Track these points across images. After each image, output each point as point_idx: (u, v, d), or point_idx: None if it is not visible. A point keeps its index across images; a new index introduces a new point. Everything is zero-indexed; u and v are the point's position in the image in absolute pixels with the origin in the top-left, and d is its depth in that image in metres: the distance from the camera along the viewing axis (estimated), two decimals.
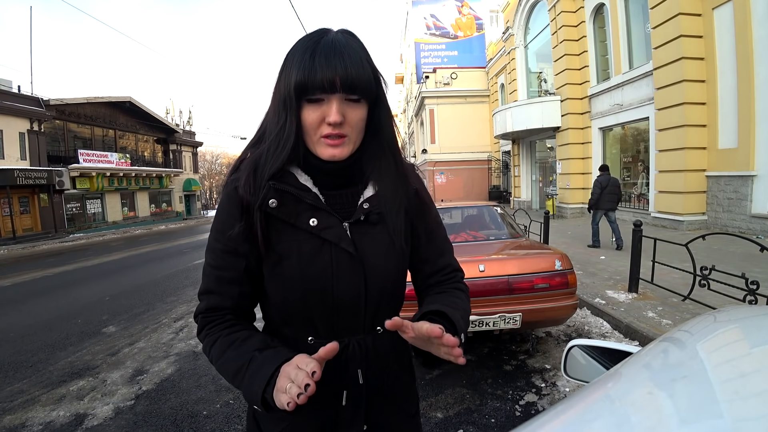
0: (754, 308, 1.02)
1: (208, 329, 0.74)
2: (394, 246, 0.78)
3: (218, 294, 0.75)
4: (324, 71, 0.66)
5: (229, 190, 0.73)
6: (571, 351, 1.04)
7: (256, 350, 0.68)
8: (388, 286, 0.78)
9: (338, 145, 0.71)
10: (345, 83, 0.67)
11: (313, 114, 0.69)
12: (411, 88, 29.51)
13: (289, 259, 0.72)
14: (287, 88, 0.70)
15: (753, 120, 7.32)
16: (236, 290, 0.75)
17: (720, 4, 7.81)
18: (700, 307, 3.56)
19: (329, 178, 0.76)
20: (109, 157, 21.03)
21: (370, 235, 0.76)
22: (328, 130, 0.69)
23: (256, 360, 0.66)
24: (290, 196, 0.72)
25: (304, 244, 0.72)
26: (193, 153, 30.90)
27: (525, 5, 15.32)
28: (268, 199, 0.71)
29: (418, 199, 0.84)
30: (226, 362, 0.70)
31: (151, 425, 2.52)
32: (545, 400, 2.59)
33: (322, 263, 0.72)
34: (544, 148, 16.17)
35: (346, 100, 0.69)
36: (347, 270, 0.73)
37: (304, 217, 0.72)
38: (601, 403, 0.61)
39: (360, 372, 0.76)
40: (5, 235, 15.69)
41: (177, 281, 7.00)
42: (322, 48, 0.68)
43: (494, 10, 24.50)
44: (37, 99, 17.25)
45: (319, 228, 0.72)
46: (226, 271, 0.74)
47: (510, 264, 2.93)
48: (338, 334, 0.74)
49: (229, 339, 0.71)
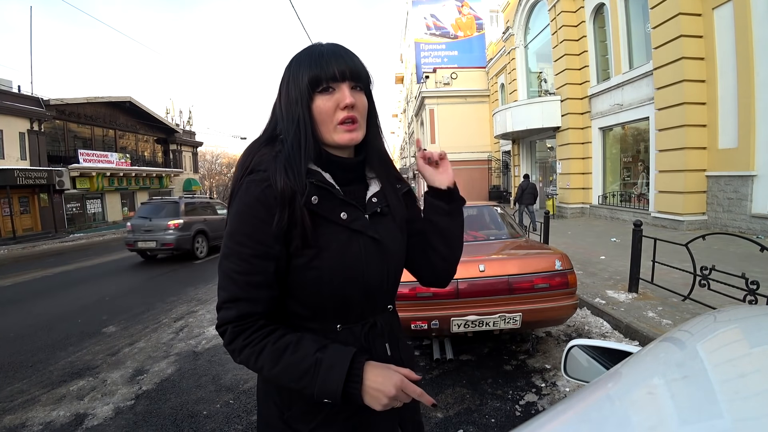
0: (754, 308, 1.03)
1: (246, 338, 0.73)
2: (400, 233, 0.89)
3: (248, 300, 0.74)
4: (334, 64, 0.77)
5: (256, 193, 0.73)
6: (571, 351, 1.04)
7: (318, 351, 0.72)
8: (401, 268, 0.91)
9: (354, 130, 0.79)
10: (352, 73, 0.78)
11: (327, 102, 0.77)
12: (411, 88, 29.51)
13: (328, 251, 0.77)
14: (299, 87, 0.78)
15: (753, 120, 7.32)
16: (267, 294, 0.75)
17: (720, 4, 7.81)
18: (700, 307, 3.56)
19: (344, 173, 0.83)
20: (109, 157, 21.01)
21: (383, 224, 0.86)
22: (343, 115, 0.77)
23: (323, 362, 0.71)
24: (326, 191, 0.78)
25: (340, 236, 0.79)
26: (193, 153, 30.88)
27: (525, 5, 15.31)
28: (310, 196, 0.75)
29: (410, 197, 0.97)
30: (287, 368, 0.72)
31: (151, 425, 2.52)
32: (545, 400, 2.59)
33: (355, 251, 0.79)
34: (544, 148, 16.17)
35: (353, 88, 0.79)
36: (375, 256, 0.81)
37: (337, 212, 0.79)
38: (601, 403, 0.61)
39: (387, 346, 0.86)
40: (5, 235, 15.68)
41: (177, 281, 7.00)
42: (326, 49, 0.79)
43: (494, 10, 24.50)
44: (37, 99, 17.23)
45: (349, 220, 0.80)
46: (256, 276, 0.74)
47: (510, 264, 2.93)
48: (365, 317, 0.83)
49: (280, 345, 0.73)
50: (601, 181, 12.21)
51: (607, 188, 12.04)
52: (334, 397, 0.69)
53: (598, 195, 12.23)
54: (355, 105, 0.78)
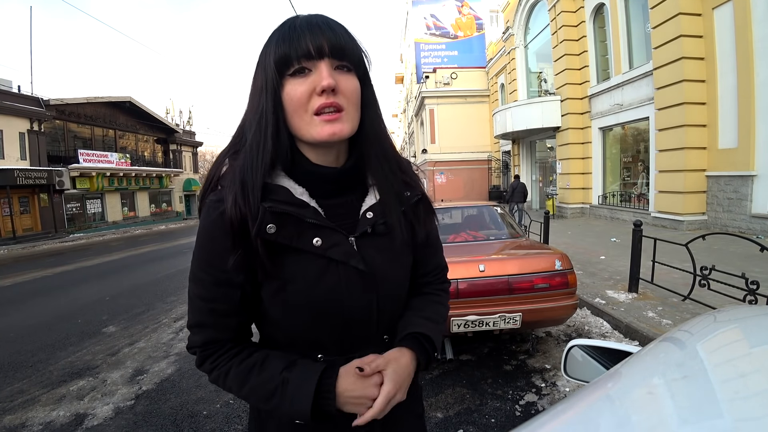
0: (754, 308, 1.03)
1: (212, 362, 0.68)
2: (402, 256, 0.74)
3: (214, 327, 0.68)
4: (309, 38, 0.59)
5: (213, 217, 0.63)
6: (571, 351, 1.04)
7: (285, 370, 0.65)
8: (399, 297, 0.76)
9: (336, 120, 0.61)
10: (334, 47, 0.60)
11: (299, 87, 0.60)
12: (411, 88, 29.50)
13: (294, 284, 0.65)
14: (266, 71, 0.62)
15: (753, 120, 7.32)
16: (234, 322, 0.68)
17: (720, 4, 7.81)
18: (700, 307, 3.56)
19: (327, 185, 0.69)
20: (109, 157, 21.02)
21: (377, 247, 0.70)
22: (320, 101, 0.60)
23: (290, 381, 0.64)
24: (289, 216, 0.63)
25: (310, 266, 0.65)
26: (193, 153, 30.90)
27: (525, 5, 15.32)
28: (265, 225, 0.62)
29: (423, 205, 0.78)
30: (254, 389, 0.66)
31: (151, 425, 2.52)
32: (545, 400, 2.59)
33: (330, 284, 0.66)
34: (544, 148, 16.17)
35: (336, 68, 0.61)
36: (358, 287, 0.68)
37: (306, 238, 0.65)
38: (601, 403, 0.61)
39: None
40: (5, 235, 15.69)
41: (177, 281, 7.00)
42: (302, 19, 0.62)
43: (494, 10, 24.50)
44: (37, 99, 17.23)
45: (324, 247, 0.65)
46: (220, 304, 0.66)
47: (510, 264, 2.93)
48: (348, 350, 0.70)
49: (245, 366, 0.67)
50: (601, 181, 12.21)
51: (607, 188, 12.05)
52: (304, 417, 0.62)
53: (598, 195, 12.23)
54: (338, 88, 0.60)
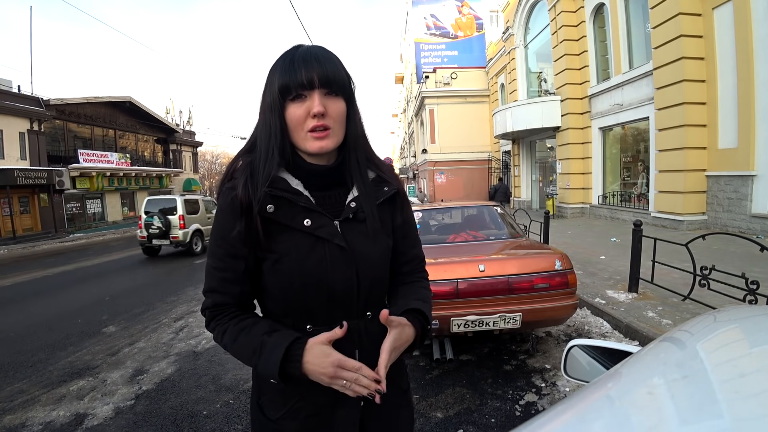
0: (754, 308, 1.03)
1: (216, 321, 0.84)
2: (379, 239, 0.88)
3: (221, 293, 0.84)
4: (303, 71, 0.77)
5: (227, 201, 0.81)
6: (571, 351, 1.04)
7: (265, 334, 0.79)
8: (377, 275, 0.89)
9: (324, 137, 0.80)
10: (322, 79, 0.78)
11: (298, 110, 0.79)
12: (411, 88, 29.50)
13: (288, 256, 0.81)
14: (272, 94, 0.80)
15: (753, 120, 7.32)
16: (238, 289, 0.84)
17: (720, 4, 7.80)
18: (700, 307, 3.56)
19: (318, 179, 0.85)
20: (109, 157, 21.01)
21: (358, 230, 0.86)
22: (313, 123, 0.78)
23: (267, 344, 0.77)
24: (285, 200, 0.81)
25: (301, 243, 0.81)
26: (193, 153, 30.90)
27: (525, 5, 15.31)
28: (265, 204, 0.79)
29: (399, 197, 0.94)
30: (240, 347, 0.81)
31: (151, 425, 2.52)
32: (545, 400, 2.59)
33: (317, 258, 0.81)
34: (544, 148, 16.16)
35: (326, 95, 0.79)
36: (340, 263, 0.82)
37: (298, 219, 0.81)
38: (601, 403, 0.61)
39: (357, 352, 0.85)
40: (5, 235, 15.68)
41: (177, 281, 7.01)
42: (300, 54, 0.80)
43: (494, 10, 24.50)
44: (37, 99, 17.23)
45: (313, 227, 0.82)
46: (228, 272, 0.83)
47: (510, 264, 2.93)
48: (334, 321, 0.81)
49: (238, 327, 0.81)
50: (601, 181, 12.21)
51: (607, 188, 12.04)
52: (272, 376, 0.75)
53: (598, 195, 12.23)
54: (327, 113, 0.79)
